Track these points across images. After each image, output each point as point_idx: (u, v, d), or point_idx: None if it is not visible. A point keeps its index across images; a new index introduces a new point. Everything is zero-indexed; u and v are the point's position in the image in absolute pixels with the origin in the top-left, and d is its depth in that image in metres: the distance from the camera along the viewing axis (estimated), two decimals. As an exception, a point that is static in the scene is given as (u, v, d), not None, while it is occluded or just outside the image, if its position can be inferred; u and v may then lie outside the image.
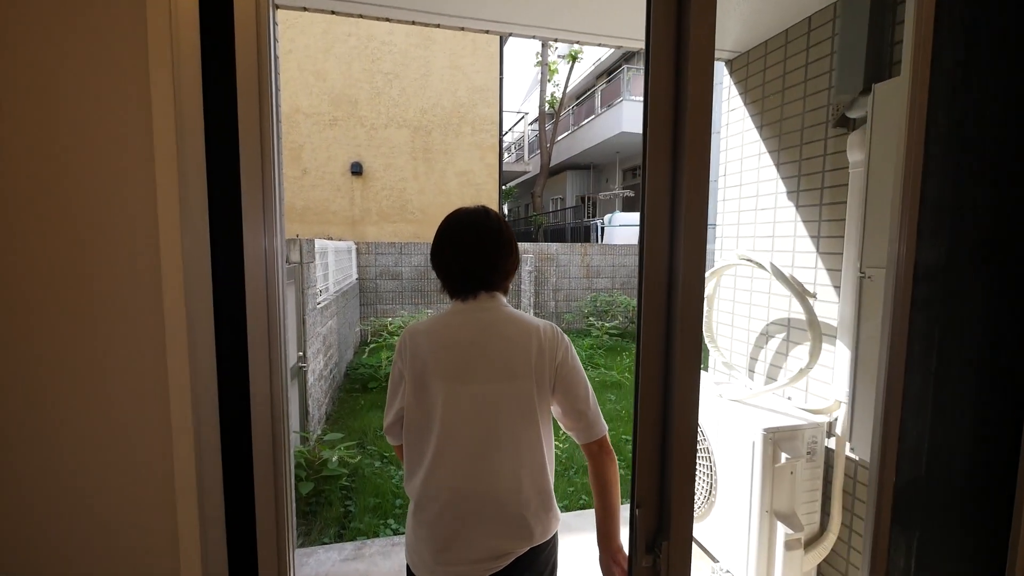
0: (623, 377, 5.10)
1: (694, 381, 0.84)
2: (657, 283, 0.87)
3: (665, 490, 0.86)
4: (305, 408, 3.52)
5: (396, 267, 7.53)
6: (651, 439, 0.87)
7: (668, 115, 0.83)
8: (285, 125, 7.72)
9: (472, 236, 1.04)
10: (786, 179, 2.21)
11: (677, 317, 0.83)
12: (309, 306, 3.65)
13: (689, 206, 0.83)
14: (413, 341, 1.04)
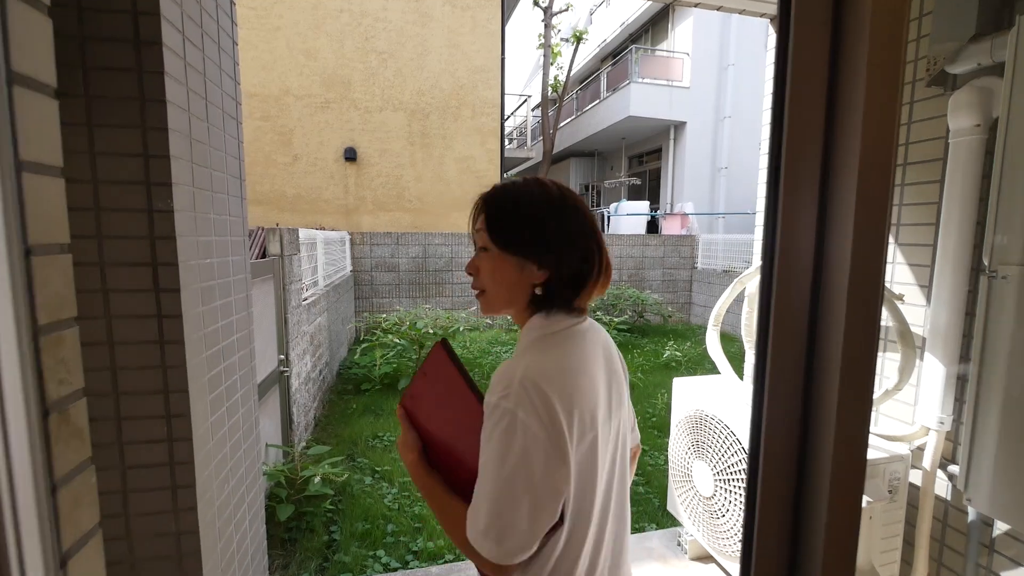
0: (636, 377, 4.76)
1: (862, 417, 0.51)
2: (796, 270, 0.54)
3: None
4: (288, 417, 3.18)
5: (392, 259, 7.16)
6: (778, 510, 0.56)
7: (820, 90, 0.52)
8: (274, 109, 7.30)
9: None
10: (852, 155, 1.84)
11: (832, 312, 0.52)
12: (292, 303, 3.29)
13: (863, 194, 0.49)
14: (564, 400, 0.66)
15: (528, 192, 0.75)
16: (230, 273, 1.62)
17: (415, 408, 0.82)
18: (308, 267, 4.17)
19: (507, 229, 0.73)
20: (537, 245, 0.72)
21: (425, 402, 0.80)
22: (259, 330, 2.71)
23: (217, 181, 1.50)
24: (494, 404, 0.65)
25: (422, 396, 0.80)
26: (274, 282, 2.98)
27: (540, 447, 0.63)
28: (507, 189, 0.77)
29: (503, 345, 6.25)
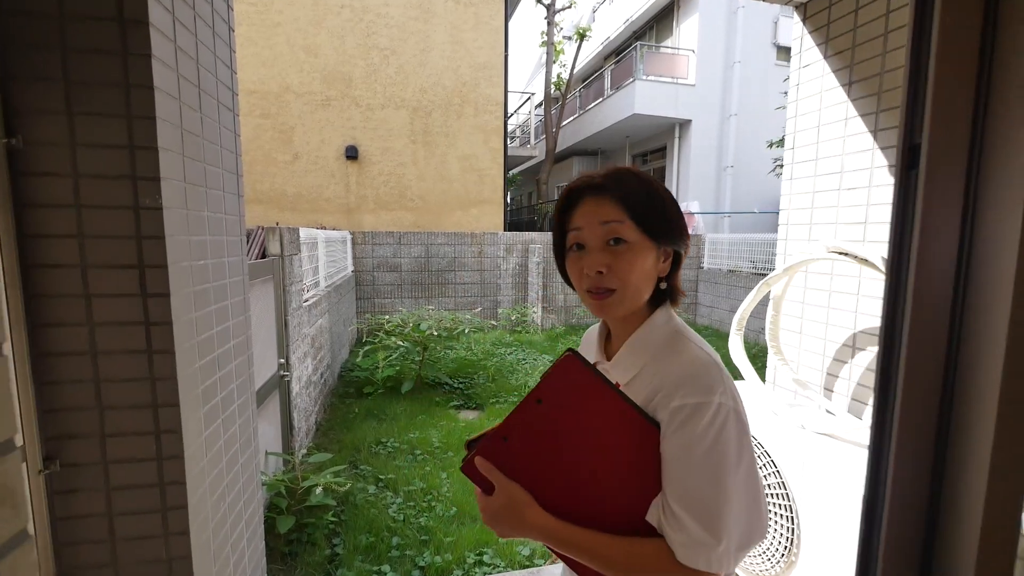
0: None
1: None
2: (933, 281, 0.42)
3: None
4: (289, 422, 3.08)
5: (395, 258, 7.06)
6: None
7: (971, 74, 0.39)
8: (274, 106, 7.19)
9: None
10: (888, 149, 1.73)
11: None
12: (293, 304, 3.18)
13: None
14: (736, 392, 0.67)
15: (649, 178, 0.72)
16: (226, 275, 1.51)
17: (514, 453, 0.66)
18: (309, 267, 4.06)
19: (656, 218, 0.69)
20: (680, 233, 0.71)
21: (534, 440, 0.65)
22: (258, 333, 2.61)
23: (211, 176, 1.39)
24: (700, 404, 0.60)
25: (529, 433, 0.66)
26: (274, 283, 2.87)
27: (747, 448, 0.62)
28: (631, 176, 0.71)
29: (507, 347, 6.15)
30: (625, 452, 0.62)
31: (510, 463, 0.66)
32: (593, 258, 0.69)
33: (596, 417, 0.63)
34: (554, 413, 0.64)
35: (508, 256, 7.47)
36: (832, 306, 1.96)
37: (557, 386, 0.64)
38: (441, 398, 4.33)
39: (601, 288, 0.69)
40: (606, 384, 0.63)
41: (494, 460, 0.66)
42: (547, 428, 0.64)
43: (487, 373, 4.93)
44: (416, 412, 3.99)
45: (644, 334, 0.71)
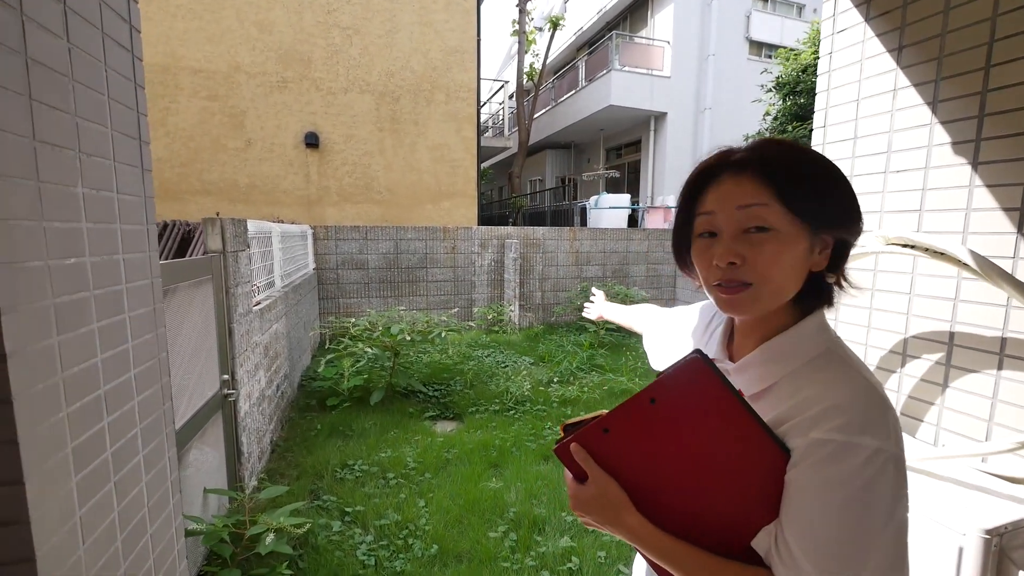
0: (633, 383, 4.39)
1: None
2: None
3: None
4: (236, 448, 2.61)
5: (361, 255, 6.55)
6: None
7: None
8: (223, 87, 6.52)
9: None
10: (951, 124, 1.47)
11: None
12: (240, 309, 2.71)
13: None
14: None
15: (806, 149, 0.61)
16: (121, 278, 1.09)
17: (613, 447, 0.62)
18: (261, 266, 3.57)
19: (812, 198, 0.58)
20: (847, 216, 0.59)
21: (638, 438, 0.61)
22: (191, 348, 2.14)
23: (90, 137, 0.97)
24: (852, 445, 0.52)
25: (635, 431, 0.61)
26: (214, 285, 2.40)
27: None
28: (782, 147, 0.61)
29: (484, 348, 5.79)
30: (741, 472, 0.58)
31: (607, 457, 0.63)
32: (725, 247, 0.59)
33: (714, 428, 0.57)
34: (666, 415, 0.59)
35: (483, 252, 7.09)
36: (876, 307, 1.70)
37: (677, 388, 0.58)
38: (415, 408, 3.93)
39: (734, 281, 0.60)
40: (734, 396, 0.56)
41: (591, 450, 0.63)
42: (655, 429, 0.60)
43: (464, 378, 4.56)
44: (387, 426, 3.57)
45: (787, 342, 0.61)
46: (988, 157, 1.37)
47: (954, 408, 1.47)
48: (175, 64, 6.34)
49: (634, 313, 1.30)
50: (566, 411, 3.89)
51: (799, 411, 0.56)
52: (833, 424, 0.53)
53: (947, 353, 1.49)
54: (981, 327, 1.40)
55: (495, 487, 2.78)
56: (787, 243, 0.57)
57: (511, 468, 3.01)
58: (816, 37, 7.08)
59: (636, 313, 1.29)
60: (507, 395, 4.16)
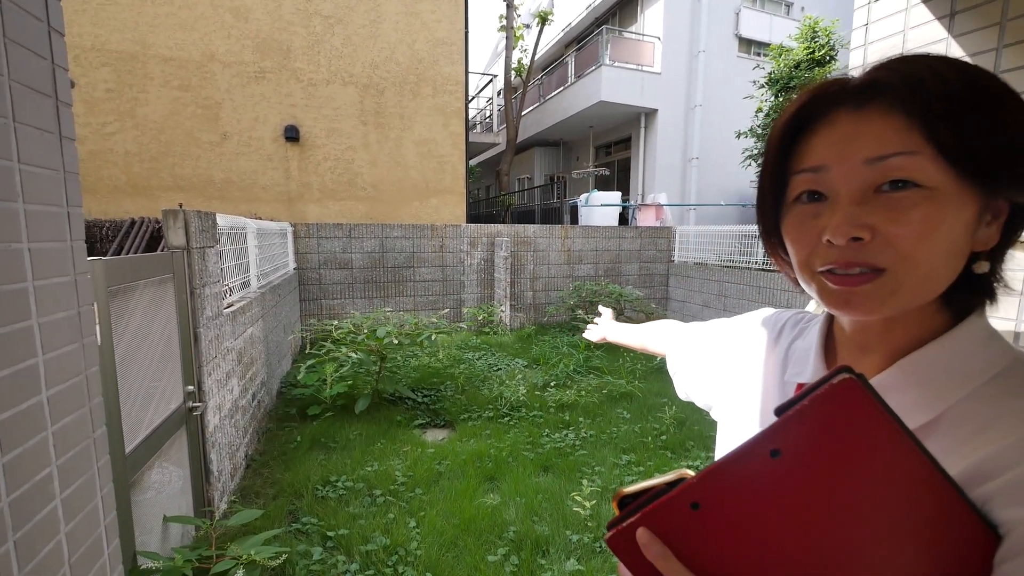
0: (633, 386, 4.21)
1: None
2: None
3: None
4: (204, 466, 2.35)
5: (344, 253, 6.27)
6: None
7: None
8: (196, 77, 6.16)
9: None
10: (1017, 96, 1.31)
11: None
12: (208, 312, 2.44)
13: None
14: None
15: (975, 67, 0.38)
16: (26, 274, 0.85)
17: (704, 530, 0.37)
18: (234, 264, 3.29)
19: (994, 140, 0.37)
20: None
21: (757, 513, 0.37)
22: (147, 357, 1.88)
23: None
24: None
25: (743, 502, 0.37)
26: (175, 285, 2.13)
27: None
28: (937, 64, 0.38)
29: (475, 350, 5.56)
30: (925, 555, 0.35)
31: (694, 544, 0.38)
32: (844, 214, 0.39)
33: (879, 493, 0.35)
34: (796, 475, 0.35)
35: (472, 250, 6.86)
36: None
37: (816, 429, 0.34)
38: (403, 416, 3.68)
39: (857, 265, 0.40)
40: (913, 441, 0.34)
41: (668, 536, 0.38)
42: (775, 498, 0.36)
43: (455, 383, 4.32)
44: (374, 436, 3.33)
45: (947, 353, 0.41)
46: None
47: None
48: (144, 52, 5.97)
49: (649, 333, 0.99)
50: (563, 416, 3.69)
51: (1000, 462, 0.35)
52: None
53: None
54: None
55: (492, 503, 2.56)
56: (945, 208, 0.38)
57: (508, 481, 2.79)
58: (809, 32, 7.02)
59: (652, 332, 0.98)
60: (501, 400, 3.94)
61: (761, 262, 6.38)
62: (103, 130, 5.92)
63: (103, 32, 5.83)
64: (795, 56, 7.03)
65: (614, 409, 3.84)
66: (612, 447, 3.21)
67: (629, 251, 7.73)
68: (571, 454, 3.13)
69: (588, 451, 3.16)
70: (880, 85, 0.40)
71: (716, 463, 0.39)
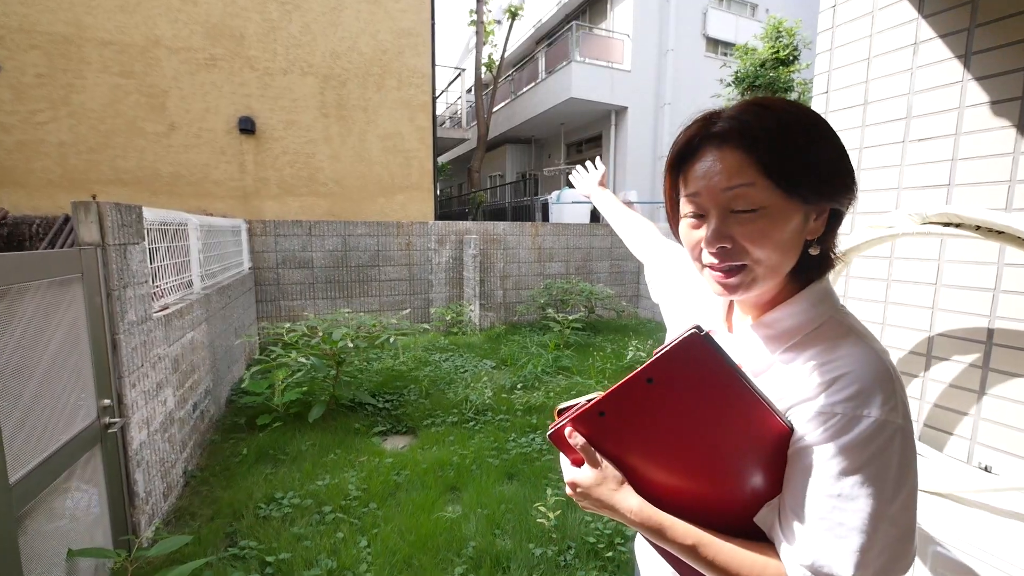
0: (602, 386, 4.11)
1: None
2: None
3: None
4: (127, 489, 2.10)
5: (304, 252, 5.97)
6: None
7: None
8: (139, 63, 5.74)
9: None
10: (990, 80, 1.23)
11: None
12: (131, 316, 2.19)
13: None
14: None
15: (794, 110, 0.56)
16: None
17: (609, 430, 0.61)
18: (171, 263, 3.01)
19: (804, 170, 0.54)
20: (840, 185, 0.56)
21: (635, 420, 0.60)
22: (42, 369, 1.63)
23: None
24: (856, 417, 0.52)
25: (631, 412, 0.59)
26: (85, 287, 1.88)
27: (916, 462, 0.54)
28: (765, 113, 0.55)
29: (442, 351, 5.37)
30: (743, 449, 0.57)
31: (603, 440, 0.62)
32: (713, 230, 0.57)
33: (716, 406, 0.56)
34: (665, 395, 0.57)
35: (440, 248, 6.66)
36: (893, 300, 1.45)
37: (675, 366, 0.56)
38: (362, 423, 3.48)
39: (725, 264, 0.58)
40: (736, 372, 0.55)
41: (587, 433, 0.62)
42: (653, 409, 0.58)
43: (419, 387, 4.13)
44: (328, 446, 3.11)
45: (787, 315, 0.60)
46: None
47: (994, 419, 1.23)
48: (80, 35, 5.51)
49: (626, 222, 1.15)
50: (531, 420, 3.56)
51: (802, 384, 0.56)
52: (838, 396, 0.53)
53: (985, 354, 1.25)
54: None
55: (452, 516, 2.40)
56: (778, 220, 0.55)
57: (471, 490, 2.63)
58: (773, 32, 7.11)
59: (629, 223, 1.14)
60: (466, 404, 3.77)
61: (729, 259, 6.42)
62: (33, 118, 5.44)
63: (32, 12, 5.35)
64: (760, 55, 7.11)
65: (583, 410, 3.73)
66: (580, 451, 3.10)
67: (600, 249, 7.67)
68: (538, 459, 3.00)
69: (555, 456, 3.03)
70: (729, 132, 0.55)
71: (616, 385, 0.58)
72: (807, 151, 0.53)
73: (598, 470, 0.61)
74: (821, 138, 0.54)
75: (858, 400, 0.51)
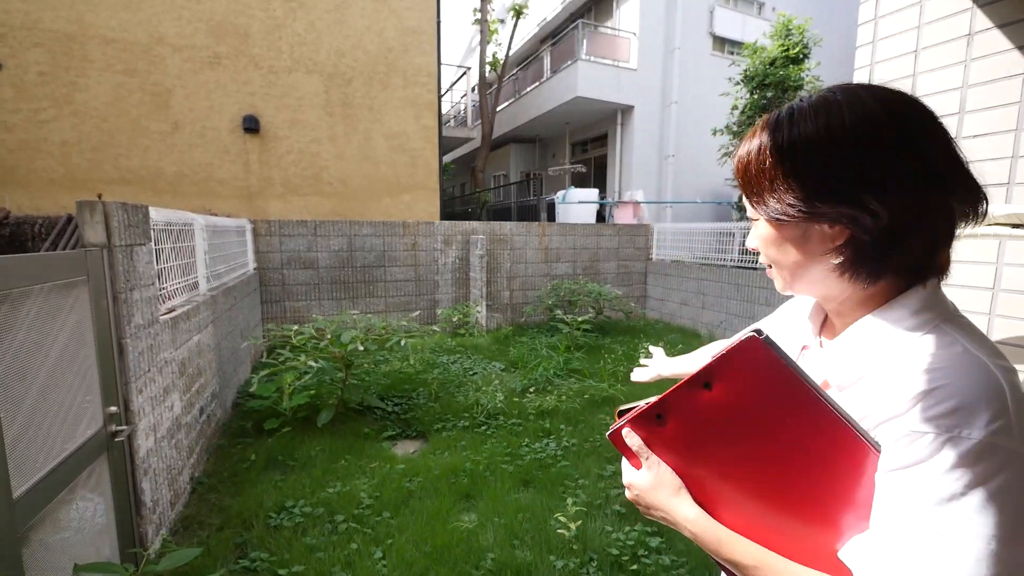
0: (616, 389, 4.04)
1: None
2: None
3: None
4: (134, 498, 2.03)
5: (309, 252, 5.90)
6: None
7: None
8: (143, 61, 5.68)
9: None
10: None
11: None
12: (138, 319, 2.12)
13: None
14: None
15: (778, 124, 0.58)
16: None
17: (668, 434, 0.59)
18: (177, 264, 2.94)
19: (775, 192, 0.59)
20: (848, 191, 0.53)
21: (695, 427, 0.57)
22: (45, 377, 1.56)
23: None
24: (954, 439, 0.45)
25: (691, 417, 0.57)
26: (91, 289, 1.81)
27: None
28: (753, 136, 0.60)
29: (450, 353, 5.30)
30: (820, 469, 0.51)
31: (661, 444, 0.60)
32: (750, 235, 0.65)
33: (781, 417, 0.52)
34: (725, 401, 0.54)
35: (447, 249, 6.58)
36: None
37: (733, 371, 0.53)
38: (371, 428, 3.41)
39: (763, 264, 0.64)
40: (804, 382, 0.51)
41: (643, 436, 0.61)
42: (712, 416, 0.55)
43: (428, 390, 4.06)
44: (338, 452, 3.04)
45: (875, 325, 0.55)
46: None
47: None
48: (83, 32, 5.45)
49: (707, 351, 1.10)
50: (544, 424, 3.49)
51: (892, 400, 0.49)
52: (930, 413, 0.46)
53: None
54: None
55: (468, 526, 2.33)
56: (766, 239, 0.60)
57: (486, 498, 2.56)
58: (783, 30, 7.02)
59: (710, 349, 1.10)
60: (477, 408, 3.70)
61: (737, 260, 6.34)
62: (36, 117, 5.38)
63: (35, 9, 5.29)
64: (770, 54, 7.02)
65: (596, 415, 3.66)
66: (596, 457, 3.02)
67: (608, 249, 7.60)
68: (553, 466, 2.93)
69: (571, 462, 2.96)
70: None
71: (673, 387, 0.56)
72: (779, 168, 0.55)
73: (653, 473, 0.60)
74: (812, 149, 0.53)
75: (955, 418, 0.45)
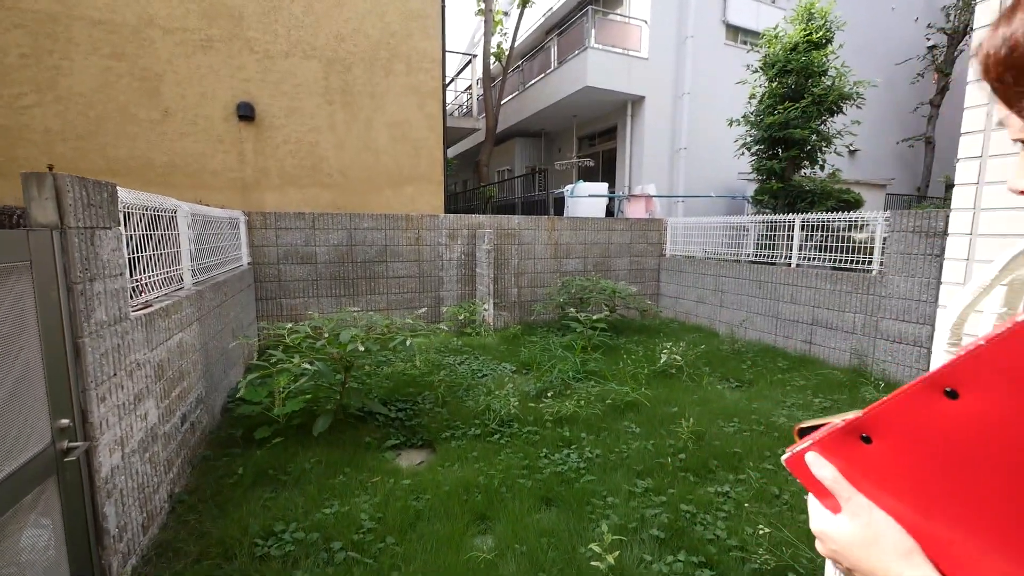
0: (639, 393, 3.71)
1: None
2: None
3: None
4: (93, 525, 1.72)
5: (307, 246, 5.59)
6: None
7: None
8: (131, 44, 5.36)
9: None
10: None
11: None
12: (99, 315, 1.81)
13: None
14: None
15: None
16: None
17: (876, 463, 0.40)
18: (156, 254, 2.63)
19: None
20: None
21: (931, 452, 0.37)
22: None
23: None
24: None
25: (917, 439, 0.38)
26: (36, 278, 1.50)
27: None
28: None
29: (457, 353, 4.98)
30: None
31: (869, 478, 0.41)
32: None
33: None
34: (978, 418, 0.35)
35: (452, 243, 6.27)
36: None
37: (999, 376, 0.33)
38: (372, 437, 3.09)
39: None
40: None
41: (841, 465, 0.42)
42: (953, 437, 0.36)
43: (435, 393, 3.75)
44: (336, 464, 2.73)
45: None
46: None
47: None
48: (67, 13, 5.14)
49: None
50: (563, 432, 3.17)
51: None
52: None
53: None
54: None
55: (485, 556, 2.01)
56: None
57: (504, 520, 2.25)
58: (804, 14, 6.69)
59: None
60: (489, 413, 3.38)
61: (753, 255, 6.02)
62: (17, 103, 5.06)
63: (16, -12, 4.97)
64: (791, 39, 6.68)
65: (620, 422, 3.34)
66: (624, 470, 2.70)
67: (619, 244, 7.27)
68: (576, 480, 2.61)
69: (596, 476, 2.65)
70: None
71: (888, 396, 0.39)
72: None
73: (862, 523, 0.41)
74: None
75: None
